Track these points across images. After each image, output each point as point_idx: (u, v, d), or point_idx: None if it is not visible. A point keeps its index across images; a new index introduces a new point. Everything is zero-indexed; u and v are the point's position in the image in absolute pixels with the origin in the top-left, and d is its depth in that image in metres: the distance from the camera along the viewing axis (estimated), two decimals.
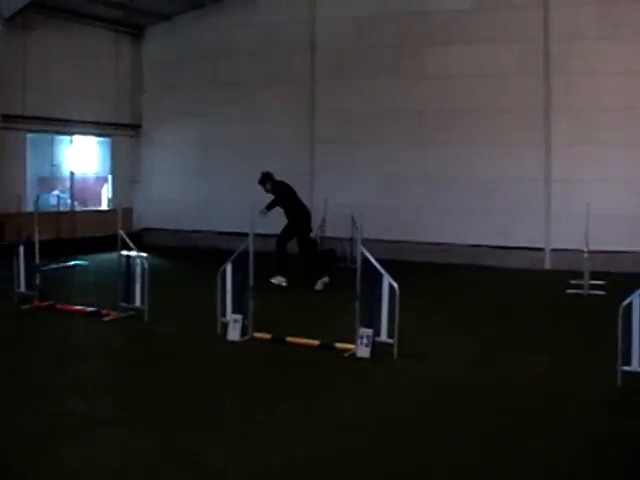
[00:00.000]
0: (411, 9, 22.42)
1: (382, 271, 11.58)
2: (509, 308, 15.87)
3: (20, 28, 23.27)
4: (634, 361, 10.21)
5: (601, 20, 20.25)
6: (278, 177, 18.04)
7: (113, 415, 9.06)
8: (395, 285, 11.43)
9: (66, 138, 25.99)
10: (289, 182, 18.21)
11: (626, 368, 10.21)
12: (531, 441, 8.35)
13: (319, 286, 17.64)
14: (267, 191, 18.34)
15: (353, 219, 18.68)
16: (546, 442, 8.29)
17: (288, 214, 18.27)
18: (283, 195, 18.17)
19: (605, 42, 20.16)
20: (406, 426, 8.84)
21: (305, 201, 20.31)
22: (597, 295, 16.53)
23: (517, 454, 8.01)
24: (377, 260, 11.70)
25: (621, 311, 10.17)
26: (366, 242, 11.86)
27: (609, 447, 8.22)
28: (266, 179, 18.38)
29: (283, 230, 18.27)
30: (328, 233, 20.17)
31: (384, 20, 22.79)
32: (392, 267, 11.94)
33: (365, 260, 11.71)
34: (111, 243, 14.83)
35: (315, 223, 19.65)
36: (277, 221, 17.98)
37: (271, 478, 7.37)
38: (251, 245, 12.57)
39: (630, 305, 10.18)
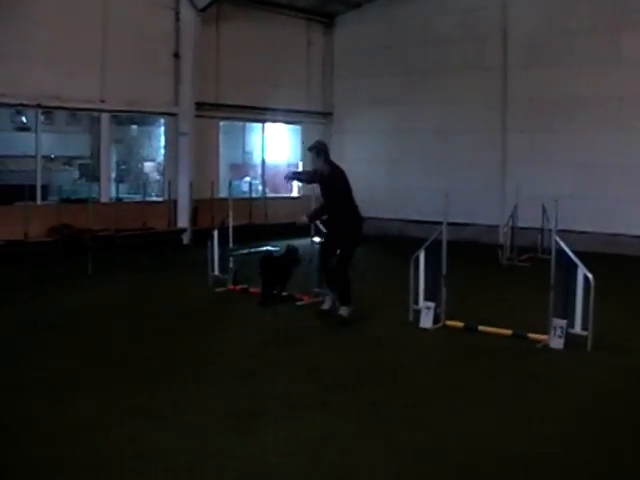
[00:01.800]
0: None
1: (577, 261, 11.40)
2: None
3: (213, 18, 23.94)
4: None
5: None
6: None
7: (310, 397, 9.24)
8: (590, 276, 11.23)
9: (258, 125, 26.51)
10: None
11: None
12: None
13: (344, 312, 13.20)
14: (315, 171, 13.77)
15: (544, 209, 18.46)
16: None
17: (339, 215, 13.23)
18: (339, 183, 13.27)
19: None
20: (603, 418, 8.69)
21: (496, 191, 20.14)
22: None
23: None
24: (570, 251, 11.54)
25: None
26: (558, 233, 11.72)
27: None
28: (321, 150, 13.54)
29: (333, 244, 13.36)
30: (520, 223, 19.88)
31: (577, 4, 22.33)
32: (585, 259, 11.75)
33: (559, 251, 11.58)
34: (302, 230, 15.03)
35: (505, 212, 19.54)
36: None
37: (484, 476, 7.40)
38: (444, 233, 12.57)
39: None
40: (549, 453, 7.67)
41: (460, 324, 12.53)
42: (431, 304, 12.61)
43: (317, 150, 13.40)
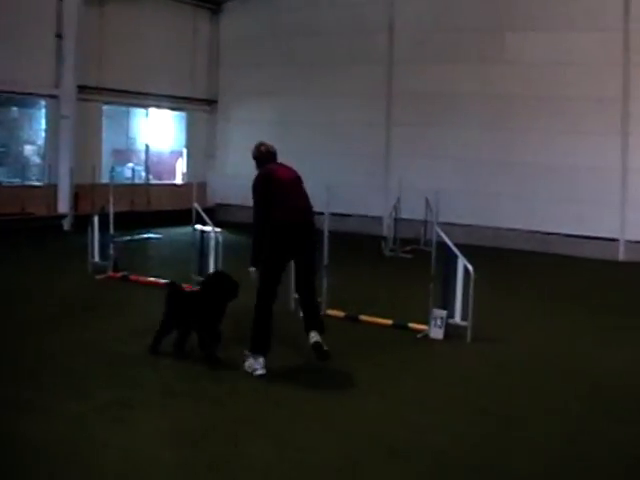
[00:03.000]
0: None
1: (457, 253, 11.57)
2: (582, 297, 15.73)
3: (97, 1, 23.51)
4: None
5: None
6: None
7: (189, 385, 9.19)
8: (470, 268, 11.40)
9: (142, 111, 26.19)
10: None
11: None
12: (610, 431, 8.30)
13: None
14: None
15: (427, 201, 18.68)
16: (626, 432, 8.24)
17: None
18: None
19: None
20: (478, 409, 8.84)
21: (380, 183, 20.28)
22: None
23: (596, 442, 7.98)
24: (451, 243, 11.69)
25: None
26: (440, 225, 11.87)
27: None
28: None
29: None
30: (403, 215, 20.09)
31: (464, 3, 22.63)
32: (467, 251, 11.90)
33: (440, 243, 11.73)
34: (184, 217, 14.94)
35: (389, 204, 19.72)
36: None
37: (363, 465, 7.40)
38: (326, 224, 12.62)
39: None
40: (424, 440, 7.79)
41: (341, 314, 12.58)
42: None
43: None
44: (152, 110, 26.24)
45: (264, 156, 10.76)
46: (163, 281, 14.56)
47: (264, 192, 10.07)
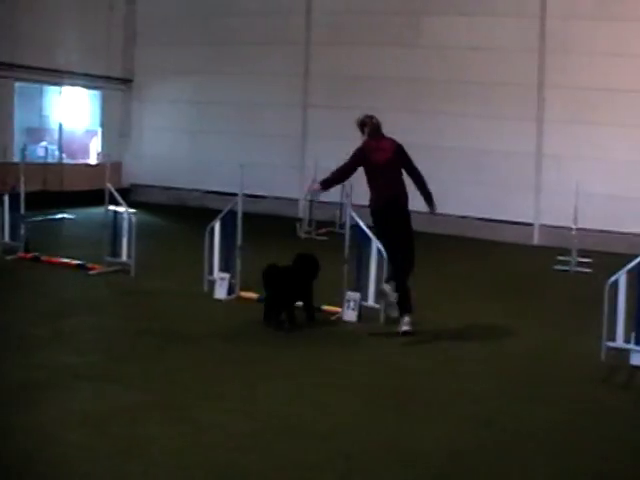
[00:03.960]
0: None
1: (371, 235, 11.57)
2: (496, 281, 15.88)
3: None
4: (618, 337, 10.30)
5: (599, 1, 20.17)
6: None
7: (98, 368, 9.05)
8: (383, 250, 11.41)
9: (56, 89, 25.71)
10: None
11: (611, 344, 10.28)
12: (519, 410, 8.44)
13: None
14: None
15: (343, 184, 18.63)
16: (532, 411, 8.43)
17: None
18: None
19: (602, 23, 20.10)
20: (389, 390, 8.88)
21: (296, 164, 20.23)
22: (584, 272, 16.55)
23: (509, 421, 8.11)
24: (367, 226, 11.69)
25: (607, 288, 10.23)
26: (356, 208, 11.88)
27: (588, 419, 8.35)
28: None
29: None
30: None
31: None
32: None
33: (355, 225, 11.73)
34: (98, 197, 14.73)
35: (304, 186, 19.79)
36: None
37: (269, 442, 7.35)
38: (240, 204, 12.55)
39: (616, 283, 10.23)
40: (332, 420, 7.80)
41: (254, 295, 12.49)
42: (225, 275, 12.57)
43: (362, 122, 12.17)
44: (66, 88, 25.75)
45: (370, 128, 12.09)
46: (75, 262, 14.40)
47: (354, 164, 11.90)
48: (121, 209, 14.08)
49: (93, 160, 26.24)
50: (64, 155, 25.29)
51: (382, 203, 11.24)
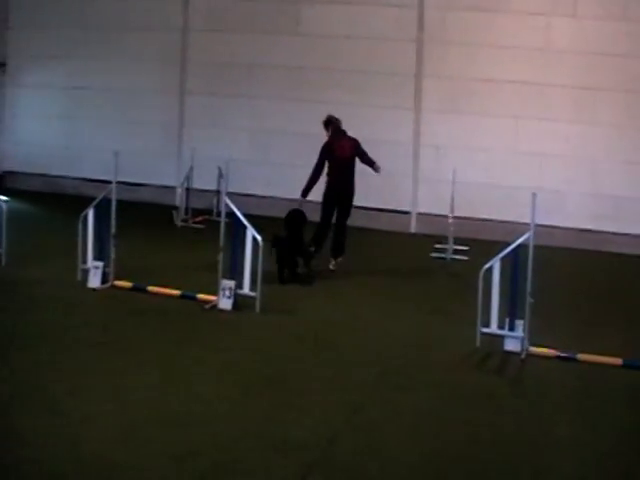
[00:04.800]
0: None
1: (246, 223, 11.54)
2: (375, 269, 15.93)
3: None
4: (492, 323, 10.48)
5: None
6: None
7: None
8: (259, 238, 11.40)
9: None
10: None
11: (485, 330, 10.45)
12: (391, 397, 8.57)
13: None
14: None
15: (220, 171, 18.50)
16: (404, 397, 8.56)
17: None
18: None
19: (479, 14, 20.35)
20: (262, 377, 8.92)
21: (173, 152, 20.02)
22: (460, 260, 16.76)
23: (380, 407, 8.27)
24: (244, 214, 11.66)
25: (482, 275, 10.41)
26: (234, 196, 11.89)
27: (460, 404, 8.54)
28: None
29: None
30: (196, 185, 19.90)
31: None
32: (260, 222, 11.92)
33: (231, 213, 11.67)
34: None
35: (182, 174, 19.58)
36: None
37: (140, 433, 7.28)
38: (114, 192, 12.38)
39: (490, 269, 10.41)
40: (212, 412, 7.82)
41: (129, 284, 12.36)
42: (99, 264, 12.38)
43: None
44: None
45: (334, 128, 15.44)
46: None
47: (323, 158, 15.23)
48: None
49: None
50: None
51: (336, 190, 15.07)
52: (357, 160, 15.52)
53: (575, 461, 7.30)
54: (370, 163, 15.45)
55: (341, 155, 15.10)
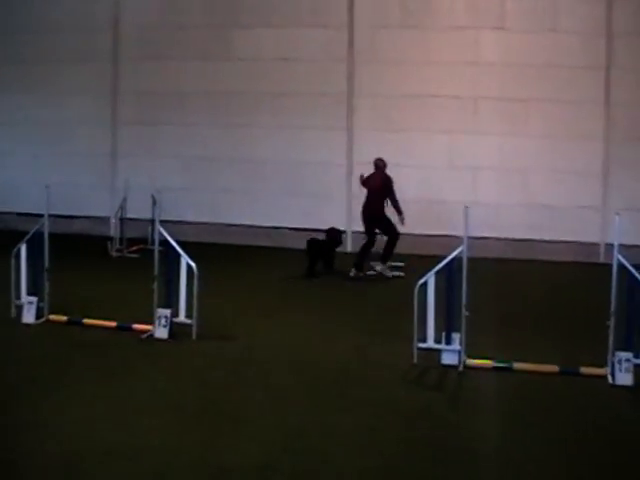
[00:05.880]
0: None
1: (180, 251, 11.48)
2: (311, 289, 15.99)
3: None
4: (429, 338, 10.52)
5: (405, 10, 20.63)
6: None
7: None
8: (193, 265, 11.35)
9: None
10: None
11: (422, 345, 10.49)
12: (328, 418, 8.56)
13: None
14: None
15: (154, 200, 18.44)
16: (342, 417, 8.57)
17: None
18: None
19: (409, 32, 20.58)
20: (201, 408, 8.83)
21: (106, 183, 19.95)
22: (396, 276, 16.83)
23: (318, 429, 8.23)
24: (180, 242, 11.69)
25: (416, 290, 10.44)
26: (169, 224, 11.85)
27: (397, 420, 8.57)
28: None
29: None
30: (130, 215, 19.76)
31: (189, 0, 22.50)
32: (196, 249, 11.97)
33: (164, 241, 11.62)
34: None
35: (116, 204, 19.51)
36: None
37: (77, 466, 7.21)
38: (46, 225, 12.26)
39: (425, 284, 10.46)
40: (148, 443, 7.73)
41: (64, 318, 12.23)
42: (33, 299, 12.24)
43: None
44: None
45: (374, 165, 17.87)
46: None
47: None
48: None
49: None
50: None
51: (364, 213, 17.52)
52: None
53: (515, 471, 7.33)
54: (397, 211, 17.29)
55: (370, 186, 17.53)
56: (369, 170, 17.68)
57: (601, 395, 9.61)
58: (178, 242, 11.67)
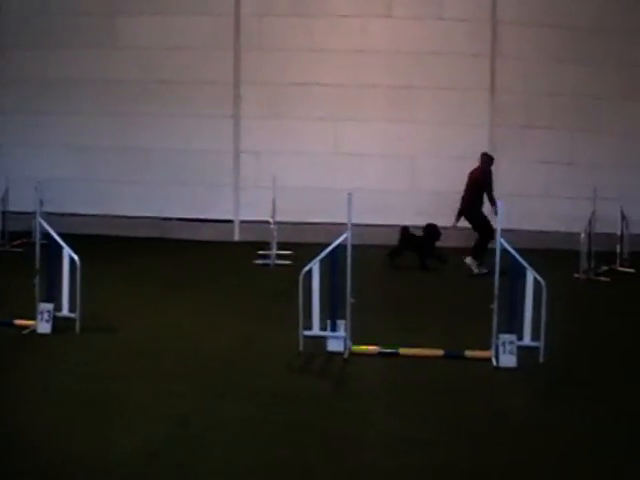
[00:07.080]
0: None
1: (62, 244, 11.31)
2: (199, 280, 15.90)
3: None
4: (315, 326, 10.55)
5: None
6: None
7: None
8: (76, 257, 11.21)
9: None
10: None
11: (307, 332, 10.52)
12: (214, 407, 8.57)
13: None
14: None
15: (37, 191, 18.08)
16: (227, 406, 8.59)
17: None
18: None
19: (296, 19, 20.62)
20: (85, 399, 8.74)
21: None
22: (283, 265, 16.88)
23: (204, 418, 8.25)
24: (66, 234, 11.54)
25: (301, 278, 10.46)
26: (56, 216, 11.64)
27: (281, 408, 8.63)
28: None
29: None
30: (13, 208, 19.27)
31: None
32: (81, 241, 11.80)
33: (47, 234, 11.43)
34: None
35: None
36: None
37: None
38: None
39: (310, 272, 10.48)
40: (40, 435, 7.58)
41: None
42: None
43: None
44: None
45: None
46: None
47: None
48: None
49: None
50: None
51: (461, 205, 17.34)
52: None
53: (399, 454, 7.40)
54: (491, 201, 16.97)
55: (469, 179, 17.36)
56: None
57: (485, 377, 9.80)
58: (64, 235, 11.52)
